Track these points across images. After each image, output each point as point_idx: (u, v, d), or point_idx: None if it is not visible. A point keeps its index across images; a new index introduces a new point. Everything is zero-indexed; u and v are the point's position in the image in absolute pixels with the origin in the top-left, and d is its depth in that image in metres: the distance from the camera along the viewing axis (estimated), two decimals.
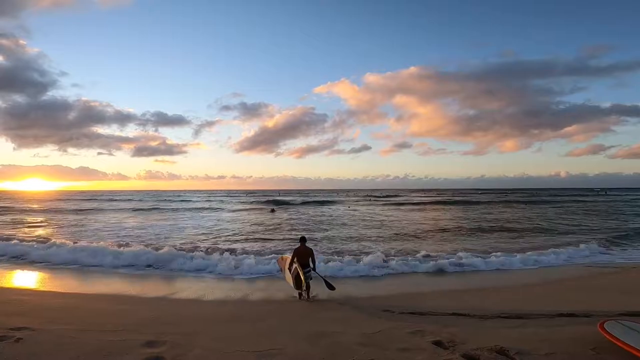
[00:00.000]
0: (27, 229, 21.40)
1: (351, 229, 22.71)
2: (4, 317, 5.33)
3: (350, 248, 15.44)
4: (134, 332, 4.85)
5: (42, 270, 11.02)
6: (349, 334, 5.28)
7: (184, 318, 6.07)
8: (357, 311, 7.01)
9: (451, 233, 20.41)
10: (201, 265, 11.43)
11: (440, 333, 5.43)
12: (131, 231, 20.54)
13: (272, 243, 16.77)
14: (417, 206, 47.65)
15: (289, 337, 5.02)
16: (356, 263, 11.60)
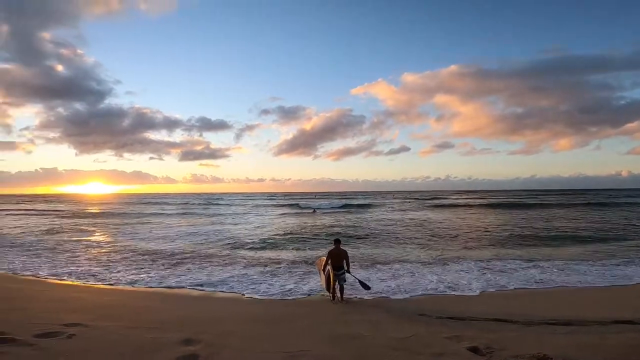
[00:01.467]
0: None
1: (391, 231, 22.32)
2: (61, 314, 5.80)
3: (389, 252, 15.13)
4: (173, 330, 5.10)
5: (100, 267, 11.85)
6: (380, 338, 5.22)
7: (221, 318, 6.29)
8: (390, 314, 6.91)
9: (502, 237, 19.33)
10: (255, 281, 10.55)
11: (478, 339, 5.22)
12: (198, 236, 21.56)
13: (311, 244, 16.94)
14: (462, 208, 45.53)
15: (317, 339, 5.05)
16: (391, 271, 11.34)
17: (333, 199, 77.97)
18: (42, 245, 16.39)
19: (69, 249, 15.34)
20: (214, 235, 20.65)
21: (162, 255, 13.72)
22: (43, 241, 17.60)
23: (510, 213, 37.05)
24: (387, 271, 11.22)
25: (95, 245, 16.61)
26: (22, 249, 15.08)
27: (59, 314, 5.70)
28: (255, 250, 15.37)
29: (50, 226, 25.46)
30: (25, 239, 18.34)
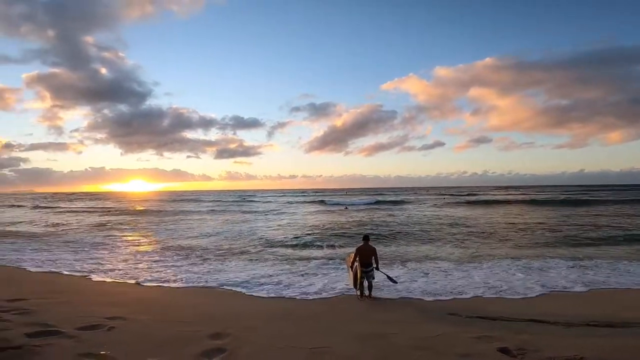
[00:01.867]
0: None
1: (424, 229, 21.84)
2: (104, 307, 6.20)
3: (421, 250, 14.81)
4: (203, 325, 5.32)
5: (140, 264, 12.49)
6: (405, 336, 5.17)
7: (248, 314, 6.47)
8: (418, 313, 6.82)
9: (545, 235, 18.38)
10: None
11: (510, 340, 5.06)
12: (231, 233, 22.30)
13: (342, 241, 16.95)
14: (501, 205, 43.19)
15: (341, 336, 5.08)
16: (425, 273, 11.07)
17: (365, 196, 77.32)
18: (88, 241, 17.51)
19: (112, 245, 16.33)
20: (246, 232, 21.18)
21: (196, 252, 14.24)
22: (89, 238, 18.81)
23: (554, 210, 34.98)
24: (418, 269, 11.03)
25: (136, 242, 17.55)
26: (70, 246, 16.17)
27: (100, 308, 6.10)
28: (285, 247, 15.61)
29: (97, 223, 27.12)
30: (74, 236, 19.65)
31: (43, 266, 11.17)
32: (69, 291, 7.79)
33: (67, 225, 26.02)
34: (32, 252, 14.03)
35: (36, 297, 6.68)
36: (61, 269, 10.75)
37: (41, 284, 8.46)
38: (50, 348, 3.76)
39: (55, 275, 9.82)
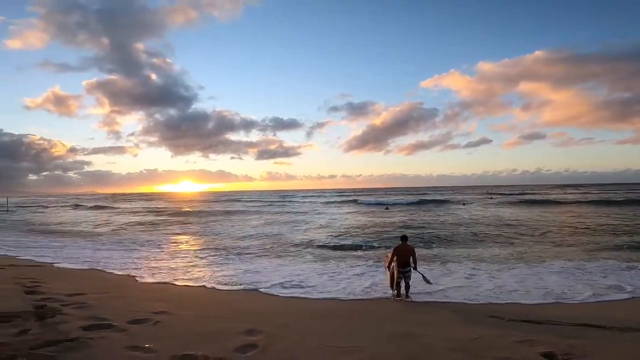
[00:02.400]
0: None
1: (469, 229, 20.95)
2: (151, 302, 6.60)
3: (465, 251, 14.23)
4: (240, 321, 5.51)
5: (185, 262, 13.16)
6: (440, 338, 5.05)
7: (283, 312, 6.61)
8: (456, 315, 6.61)
9: (603, 236, 16.94)
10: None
11: (556, 344, 4.81)
12: (271, 233, 22.99)
13: (381, 241, 16.77)
14: (557, 205, 40.33)
15: (373, 336, 5.06)
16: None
17: (406, 195, 75.51)
18: (140, 240, 18.65)
19: (161, 244, 17.35)
20: (285, 232, 21.59)
21: (237, 252, 14.77)
22: (141, 237, 20.08)
23: (617, 210, 32.13)
24: (460, 270, 10.68)
25: (183, 242, 18.53)
26: (123, 244, 17.37)
27: (148, 303, 6.52)
28: (323, 247, 15.72)
29: (150, 223, 28.95)
30: (127, 235, 21.04)
31: (100, 263, 12.14)
32: (121, 287, 8.39)
33: (122, 225, 28.10)
34: (92, 251, 15.26)
35: (93, 292, 7.26)
36: (116, 266, 11.59)
37: (98, 280, 9.18)
38: (102, 341, 4.09)
39: (110, 272, 10.61)
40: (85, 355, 3.62)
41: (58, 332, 4.27)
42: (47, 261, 11.93)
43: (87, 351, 3.73)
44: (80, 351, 3.70)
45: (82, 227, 27.29)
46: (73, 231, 24.20)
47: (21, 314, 4.97)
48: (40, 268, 10.40)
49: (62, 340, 3.92)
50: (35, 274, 8.92)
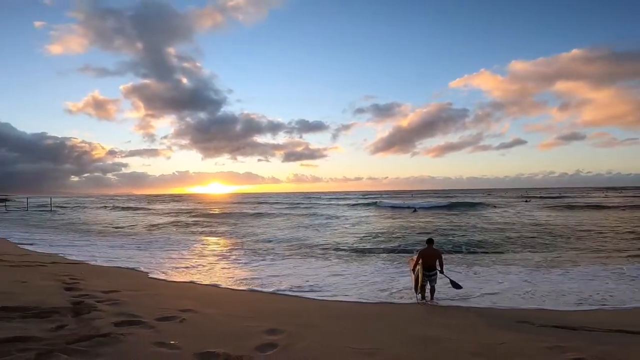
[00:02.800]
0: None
1: (501, 233, 20.26)
2: (179, 300, 6.81)
3: (496, 256, 13.77)
4: (263, 320, 5.61)
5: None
6: (464, 342, 4.95)
7: (305, 312, 6.66)
8: (483, 320, 6.44)
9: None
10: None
11: (588, 350, 4.64)
12: (297, 235, 23.34)
13: (408, 244, 16.57)
14: (600, 209, 37.90)
15: (394, 339, 5.02)
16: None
17: (435, 198, 73.78)
18: (172, 241, 19.29)
19: (191, 245, 17.93)
20: (311, 234, 21.74)
21: (263, 252, 15.05)
22: (173, 238, 20.83)
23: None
24: (490, 275, 10.42)
25: (212, 242, 19.08)
26: (155, 244, 18.09)
27: (176, 301, 6.75)
28: (348, 249, 15.74)
29: (183, 224, 29.97)
30: (160, 236, 21.91)
31: (134, 262, 12.71)
32: (152, 285, 8.75)
33: (155, 226, 29.28)
34: (126, 250, 16.01)
35: (126, 289, 7.58)
36: (148, 265, 12.07)
37: (131, 278, 9.60)
38: (132, 337, 4.30)
39: (142, 271, 11.08)
40: (115, 350, 3.82)
41: (92, 327, 4.52)
42: (86, 259, 12.62)
43: (117, 346, 3.93)
44: (111, 346, 3.90)
45: (119, 226, 28.67)
46: (110, 230, 25.49)
47: (59, 309, 5.29)
48: (80, 266, 11.01)
49: (95, 336, 4.13)
50: (74, 271, 9.44)
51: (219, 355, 3.92)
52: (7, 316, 4.80)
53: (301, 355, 4.19)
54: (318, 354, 4.25)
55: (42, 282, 7.55)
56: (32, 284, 7.23)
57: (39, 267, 9.70)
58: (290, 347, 4.41)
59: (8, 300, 5.55)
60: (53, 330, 4.37)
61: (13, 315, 4.84)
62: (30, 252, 13.69)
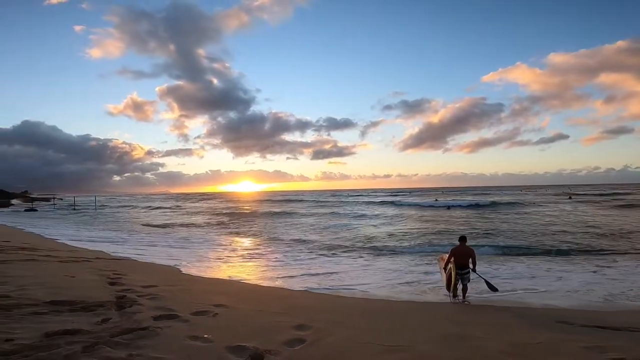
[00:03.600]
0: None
1: (540, 231, 19.49)
2: (213, 295, 7.06)
3: (535, 258, 13.23)
4: (293, 316, 5.73)
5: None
6: (496, 341, 4.84)
7: (335, 308, 6.73)
8: (518, 319, 6.26)
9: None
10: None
11: (629, 351, 4.47)
12: (327, 232, 23.54)
13: (438, 243, 16.34)
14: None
15: (423, 336, 4.99)
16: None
17: (469, 195, 71.36)
18: (207, 239, 20.17)
19: (225, 242, 18.63)
20: (340, 231, 21.88)
21: (293, 249, 15.49)
22: (209, 235, 21.74)
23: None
24: (528, 273, 10.17)
25: (245, 239, 19.70)
26: (191, 241, 18.86)
27: (210, 296, 6.99)
28: (378, 247, 15.75)
29: (216, 222, 31.06)
30: (196, 233, 22.84)
31: (172, 258, 13.32)
32: (188, 280, 9.13)
33: (192, 223, 30.49)
34: (165, 246, 16.82)
35: (164, 284, 7.95)
36: (185, 261, 12.63)
37: (169, 273, 10.07)
38: (168, 330, 4.54)
39: (179, 266, 11.62)
40: (153, 343, 4.06)
41: (133, 321, 4.79)
42: (128, 255, 13.42)
43: (155, 339, 4.17)
44: (149, 339, 4.14)
45: (157, 224, 30.10)
46: (149, 228, 26.85)
47: (104, 303, 5.63)
48: (123, 261, 11.69)
49: (136, 329, 4.38)
50: (118, 267, 9.99)
51: (249, 348, 4.05)
52: (57, 310, 5.15)
53: (328, 350, 4.25)
54: (345, 350, 4.30)
55: (88, 277, 8.02)
56: (79, 279, 7.70)
57: (85, 262, 10.37)
58: (317, 343, 4.49)
59: (57, 294, 5.95)
60: (98, 323, 4.64)
61: (62, 309, 5.20)
62: (78, 248, 14.69)
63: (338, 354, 4.17)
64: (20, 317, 4.65)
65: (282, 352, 4.11)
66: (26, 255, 10.48)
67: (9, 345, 3.65)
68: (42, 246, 13.48)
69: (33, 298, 5.60)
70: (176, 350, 3.90)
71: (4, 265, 8.60)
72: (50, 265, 9.38)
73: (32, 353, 3.52)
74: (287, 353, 4.11)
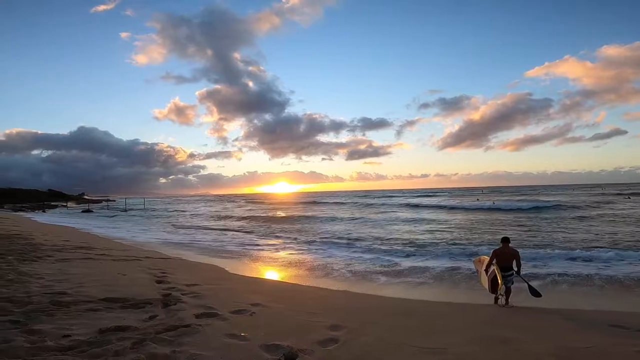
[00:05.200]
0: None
1: (599, 233, 18.14)
2: (251, 294, 7.26)
3: (592, 263, 12.32)
4: (328, 316, 5.78)
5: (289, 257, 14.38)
6: (541, 345, 4.63)
7: (371, 309, 6.69)
8: (567, 322, 5.95)
9: None
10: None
11: None
12: (364, 232, 23.50)
13: (481, 245, 16.07)
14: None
15: (461, 339, 4.85)
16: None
17: (516, 196, 67.48)
18: (246, 238, 20.76)
19: (263, 242, 19.11)
20: (378, 232, 21.68)
21: (331, 250, 15.71)
22: (247, 235, 22.36)
23: None
24: (577, 273, 9.63)
25: (283, 240, 20.10)
26: (232, 242, 19.43)
27: (248, 295, 7.21)
28: (415, 248, 15.47)
29: (255, 221, 31.96)
30: (236, 233, 23.55)
31: (211, 256, 13.92)
32: (228, 279, 9.45)
33: (233, 223, 31.58)
34: (208, 245, 17.57)
35: (206, 283, 8.30)
36: (225, 260, 13.12)
37: (210, 272, 10.47)
38: (208, 328, 4.77)
39: (220, 265, 12.12)
40: (194, 340, 4.29)
41: (177, 318, 5.06)
42: (174, 254, 14.19)
43: (196, 336, 4.39)
44: (190, 336, 4.37)
45: (200, 225, 31.49)
46: (194, 228, 28.20)
47: (151, 300, 5.99)
48: (169, 260, 12.37)
49: (179, 326, 4.63)
50: (165, 265, 10.54)
51: (283, 347, 4.15)
52: (110, 306, 5.55)
53: (360, 351, 4.25)
54: (377, 351, 4.29)
55: (138, 275, 8.53)
56: (130, 277, 8.21)
57: (136, 261, 11.09)
58: (350, 343, 4.50)
59: (111, 291, 6.40)
60: (146, 320, 4.95)
61: (114, 306, 5.59)
62: (130, 247, 15.76)
63: (370, 355, 4.17)
64: (77, 314, 5.05)
65: (315, 352, 4.17)
66: (84, 254, 11.41)
67: (67, 341, 3.99)
68: (97, 245, 14.59)
69: (89, 295, 6.08)
70: (215, 347, 4.10)
71: (65, 263, 9.44)
72: (104, 263, 10.12)
73: (87, 349, 3.82)
74: (320, 353, 4.17)
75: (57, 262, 9.47)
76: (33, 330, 4.24)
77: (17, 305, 5.24)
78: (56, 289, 6.42)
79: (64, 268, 8.61)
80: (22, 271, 7.81)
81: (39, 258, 9.86)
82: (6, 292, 5.94)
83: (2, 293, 5.83)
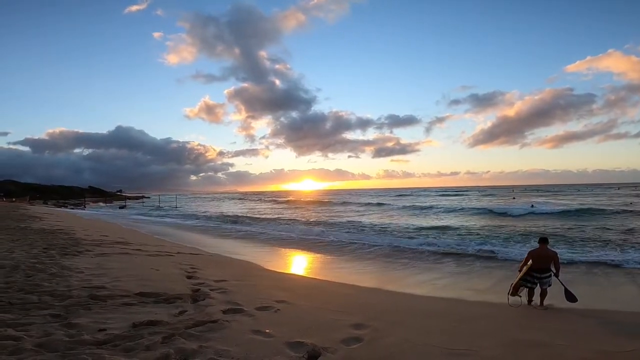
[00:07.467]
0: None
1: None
2: (276, 291, 7.32)
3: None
4: (352, 314, 5.75)
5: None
6: (577, 349, 4.44)
7: (398, 308, 6.63)
8: (606, 326, 5.65)
9: None
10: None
11: None
12: (392, 232, 23.39)
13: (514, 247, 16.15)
14: None
15: (491, 341, 4.71)
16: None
17: (550, 194, 64.14)
18: (274, 234, 21.21)
19: (289, 239, 19.39)
20: (408, 232, 21.42)
21: (357, 249, 15.63)
22: (275, 232, 22.72)
23: None
24: (620, 276, 9.35)
25: (309, 238, 20.34)
26: (260, 239, 19.94)
27: (274, 292, 7.27)
28: (445, 247, 15.18)
29: (283, 218, 32.40)
30: (265, 230, 23.97)
31: (238, 253, 14.23)
32: (255, 275, 9.55)
33: (262, 220, 32.19)
34: (234, 242, 18.03)
35: (233, 279, 8.44)
36: (252, 257, 13.39)
37: (238, 268, 10.67)
38: (234, 324, 4.87)
39: (247, 261, 12.40)
40: (220, 335, 4.39)
41: (205, 314, 5.19)
42: (203, 249, 14.66)
43: (222, 332, 4.49)
44: (217, 332, 4.47)
45: (227, 221, 32.33)
46: (221, 224, 28.99)
47: (182, 296, 6.18)
48: (198, 256, 12.74)
49: (207, 322, 4.75)
50: (194, 261, 10.83)
51: (307, 345, 4.17)
52: (144, 301, 5.76)
53: (384, 351, 4.22)
54: (401, 351, 4.24)
55: (170, 271, 8.81)
56: (163, 272, 8.49)
57: (168, 256, 11.49)
58: (374, 342, 4.47)
59: (145, 286, 6.65)
60: (176, 315, 5.11)
61: (148, 300, 5.80)
62: (164, 242, 16.41)
63: (394, 355, 4.12)
64: (113, 308, 5.28)
65: (339, 351, 4.16)
66: (121, 249, 12.01)
67: (102, 335, 4.16)
68: (133, 240, 15.29)
69: (125, 289, 6.34)
70: (240, 343, 4.18)
71: (103, 257, 9.95)
72: (139, 258, 10.56)
73: (121, 342, 3.97)
74: (343, 352, 4.15)
75: (96, 256, 9.97)
76: (72, 324, 4.44)
77: (58, 299, 5.52)
78: (94, 283, 6.73)
79: (102, 262, 9.06)
80: (64, 265, 8.25)
81: (80, 252, 10.42)
82: (48, 285, 6.28)
83: (44, 287, 6.17)
